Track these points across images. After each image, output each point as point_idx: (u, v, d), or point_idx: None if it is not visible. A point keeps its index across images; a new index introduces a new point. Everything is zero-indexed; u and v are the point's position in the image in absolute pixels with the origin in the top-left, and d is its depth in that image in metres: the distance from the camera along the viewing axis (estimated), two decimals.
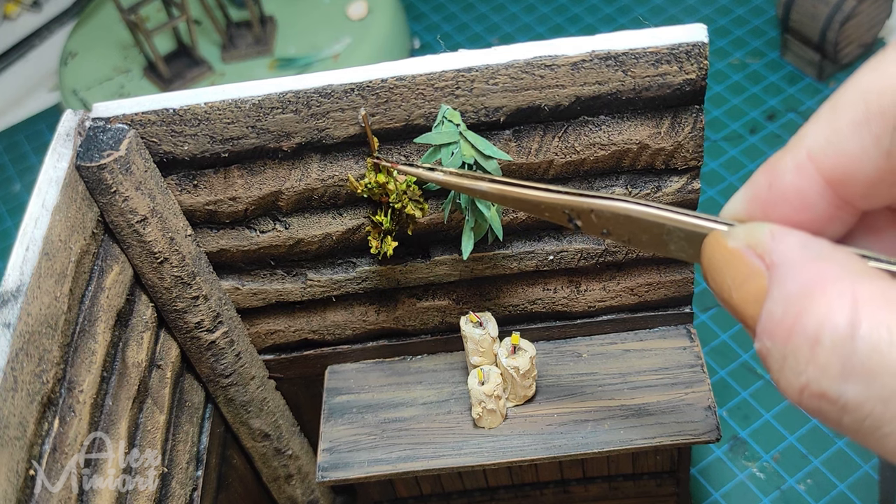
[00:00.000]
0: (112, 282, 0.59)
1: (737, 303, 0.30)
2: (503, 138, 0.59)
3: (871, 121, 0.25)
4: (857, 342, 0.25)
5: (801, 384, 0.26)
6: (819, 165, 0.27)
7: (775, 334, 0.28)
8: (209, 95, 0.57)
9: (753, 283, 0.29)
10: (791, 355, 0.27)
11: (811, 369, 0.26)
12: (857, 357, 0.25)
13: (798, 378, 0.27)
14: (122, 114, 0.57)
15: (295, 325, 0.74)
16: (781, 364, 0.27)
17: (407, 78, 0.56)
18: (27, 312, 0.49)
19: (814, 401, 0.26)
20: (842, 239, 0.30)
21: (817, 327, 0.26)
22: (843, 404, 0.25)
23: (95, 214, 0.57)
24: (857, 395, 0.25)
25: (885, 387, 0.24)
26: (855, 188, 0.27)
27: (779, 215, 0.29)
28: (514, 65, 0.55)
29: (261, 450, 0.78)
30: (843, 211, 0.29)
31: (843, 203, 0.28)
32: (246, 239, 0.66)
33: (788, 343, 0.27)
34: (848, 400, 0.25)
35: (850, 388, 0.25)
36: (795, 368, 0.27)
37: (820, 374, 0.26)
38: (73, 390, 0.53)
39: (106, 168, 0.55)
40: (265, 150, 0.60)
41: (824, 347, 0.26)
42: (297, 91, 0.57)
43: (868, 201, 0.28)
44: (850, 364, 0.25)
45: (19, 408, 0.47)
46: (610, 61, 0.55)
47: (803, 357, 0.26)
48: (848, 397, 0.25)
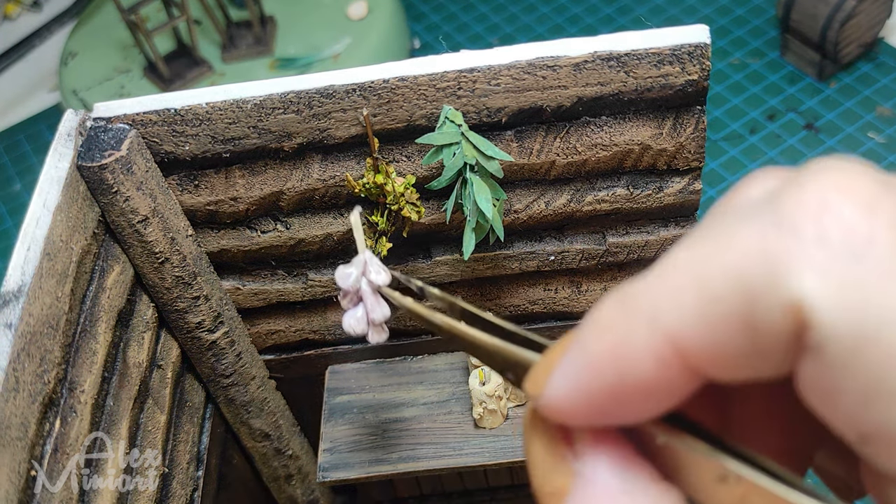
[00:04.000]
0: (113, 282, 0.59)
1: (538, 483, 0.26)
2: (505, 139, 0.59)
3: (759, 336, 0.21)
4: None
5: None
6: (685, 355, 0.22)
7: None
8: (210, 95, 0.57)
9: (559, 477, 0.25)
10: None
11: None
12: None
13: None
14: (123, 114, 0.57)
15: (296, 326, 0.74)
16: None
17: (409, 78, 0.56)
18: (28, 313, 0.48)
19: None
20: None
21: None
22: None
23: (96, 214, 0.57)
24: None
25: None
26: (726, 375, 0.23)
27: (629, 406, 0.24)
28: (516, 65, 0.55)
29: (261, 450, 0.78)
30: (700, 383, 0.24)
31: (698, 379, 0.23)
32: (247, 239, 0.66)
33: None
34: None
35: None
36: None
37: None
38: (74, 390, 0.53)
39: (107, 168, 0.55)
40: (266, 151, 0.60)
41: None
42: (298, 91, 0.57)
43: (737, 380, 0.24)
44: None
45: (21, 408, 0.47)
46: (612, 62, 0.55)
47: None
48: None
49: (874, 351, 0.19)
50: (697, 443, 0.24)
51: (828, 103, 1.22)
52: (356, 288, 0.54)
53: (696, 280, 0.22)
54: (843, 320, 0.20)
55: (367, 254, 0.53)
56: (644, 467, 0.25)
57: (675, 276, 0.22)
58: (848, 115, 1.20)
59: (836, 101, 1.22)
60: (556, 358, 0.25)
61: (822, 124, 1.20)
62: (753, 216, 0.22)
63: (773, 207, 0.21)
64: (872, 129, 1.18)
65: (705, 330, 0.21)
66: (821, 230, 0.20)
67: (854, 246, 0.20)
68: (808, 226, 0.20)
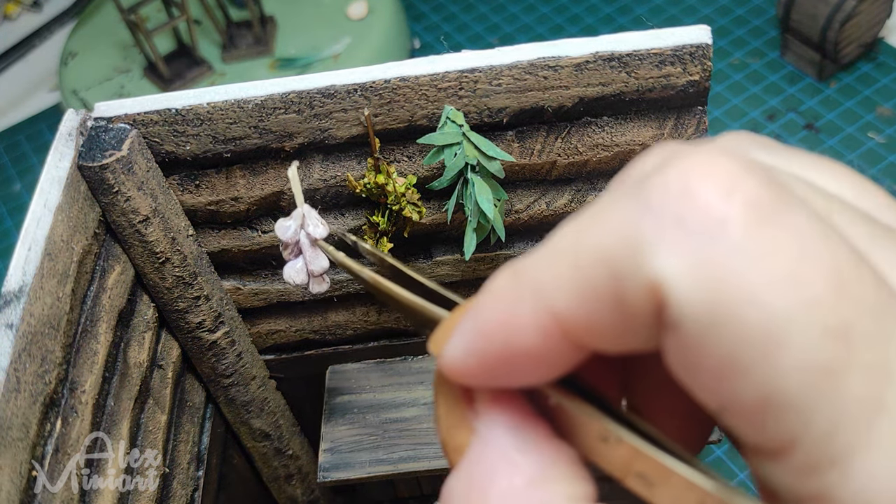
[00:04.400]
0: (114, 282, 0.59)
1: (443, 437, 0.27)
2: (506, 139, 0.59)
3: (626, 311, 0.22)
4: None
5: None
6: (564, 327, 0.23)
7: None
8: (211, 95, 0.57)
9: (461, 433, 0.26)
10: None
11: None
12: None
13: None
14: (124, 113, 0.57)
15: (296, 326, 0.74)
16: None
17: (410, 79, 0.56)
18: (30, 313, 0.48)
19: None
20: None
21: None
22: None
23: (97, 214, 0.57)
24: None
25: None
26: (604, 347, 0.24)
27: (517, 371, 0.25)
28: (517, 66, 0.55)
29: (261, 450, 0.77)
30: (580, 354, 0.25)
31: (582, 349, 0.24)
32: (248, 239, 0.66)
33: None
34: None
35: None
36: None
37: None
38: (75, 391, 0.53)
39: (108, 168, 0.55)
40: (267, 151, 0.60)
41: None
42: (299, 91, 0.56)
43: (615, 352, 0.25)
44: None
45: (22, 409, 0.47)
46: (614, 62, 0.55)
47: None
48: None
49: (725, 330, 0.20)
50: (586, 405, 0.26)
51: (828, 103, 1.22)
52: (295, 240, 0.56)
53: (573, 257, 0.23)
54: (697, 300, 0.20)
55: (306, 207, 0.55)
56: (539, 427, 0.26)
57: (556, 252, 0.23)
58: (848, 116, 1.20)
59: (837, 101, 1.22)
60: (456, 321, 0.26)
61: (822, 124, 1.20)
62: (624, 196, 0.22)
63: (640, 188, 0.22)
64: (873, 129, 1.18)
65: (580, 306, 0.22)
66: (679, 212, 0.21)
67: (709, 227, 0.20)
68: (667, 207, 0.21)
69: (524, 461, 0.25)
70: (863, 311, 0.20)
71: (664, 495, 0.24)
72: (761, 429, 0.21)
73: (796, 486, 0.21)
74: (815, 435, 0.20)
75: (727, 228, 0.20)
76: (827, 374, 0.20)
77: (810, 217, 0.21)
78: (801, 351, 0.20)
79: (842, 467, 0.20)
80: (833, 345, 0.20)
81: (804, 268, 0.20)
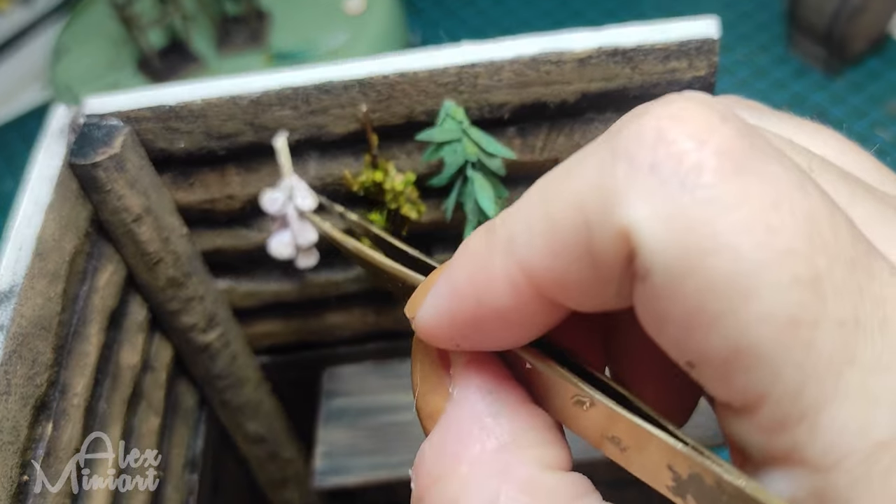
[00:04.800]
0: (106, 282, 0.58)
1: (418, 404, 0.27)
2: (508, 135, 0.58)
3: (597, 262, 0.22)
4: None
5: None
6: (536, 282, 0.23)
7: (417, 482, 0.25)
8: (205, 91, 0.56)
9: (436, 399, 0.26)
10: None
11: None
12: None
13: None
14: (115, 110, 0.56)
15: (292, 327, 0.73)
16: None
17: (409, 74, 0.55)
18: (20, 314, 0.47)
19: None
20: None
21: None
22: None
23: (89, 213, 0.56)
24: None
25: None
26: (575, 304, 0.24)
27: (490, 332, 0.25)
28: (519, 60, 0.54)
29: (256, 453, 0.77)
30: (556, 312, 0.24)
31: (558, 306, 0.24)
32: (242, 238, 0.65)
33: (420, 502, 0.25)
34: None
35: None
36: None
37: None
38: (66, 393, 0.52)
39: (100, 166, 0.54)
40: (262, 147, 0.58)
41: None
42: (295, 88, 0.55)
43: (586, 309, 0.24)
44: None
45: (12, 412, 0.46)
46: (618, 57, 0.54)
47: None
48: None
49: (695, 279, 0.20)
50: (562, 369, 0.25)
51: (835, 99, 1.21)
52: (283, 213, 0.55)
53: (544, 207, 0.22)
54: (667, 248, 0.20)
55: (294, 178, 0.54)
56: (515, 392, 0.26)
57: (529, 205, 0.23)
58: (856, 111, 1.19)
59: (844, 96, 1.21)
60: (432, 282, 0.26)
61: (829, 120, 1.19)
62: (598, 145, 0.22)
63: (613, 136, 0.22)
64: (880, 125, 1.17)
65: (551, 258, 0.22)
66: (652, 159, 0.21)
67: (683, 175, 0.20)
68: (640, 154, 0.21)
69: (497, 426, 0.25)
70: (836, 263, 0.20)
71: (636, 459, 0.24)
72: (730, 383, 0.21)
73: (766, 444, 0.21)
74: (783, 389, 0.20)
75: (699, 176, 0.20)
76: (796, 326, 0.19)
77: (786, 167, 0.21)
78: (770, 301, 0.19)
79: (810, 422, 0.20)
80: (803, 295, 0.19)
81: (776, 216, 0.20)
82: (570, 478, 0.24)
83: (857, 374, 0.20)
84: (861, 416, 0.20)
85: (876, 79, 1.22)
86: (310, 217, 0.55)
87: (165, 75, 1.22)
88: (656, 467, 0.24)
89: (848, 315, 0.20)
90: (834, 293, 0.20)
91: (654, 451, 0.23)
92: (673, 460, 0.23)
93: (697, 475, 0.22)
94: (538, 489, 0.23)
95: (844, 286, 0.20)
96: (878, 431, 0.20)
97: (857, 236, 0.21)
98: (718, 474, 0.22)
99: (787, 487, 0.21)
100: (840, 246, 0.20)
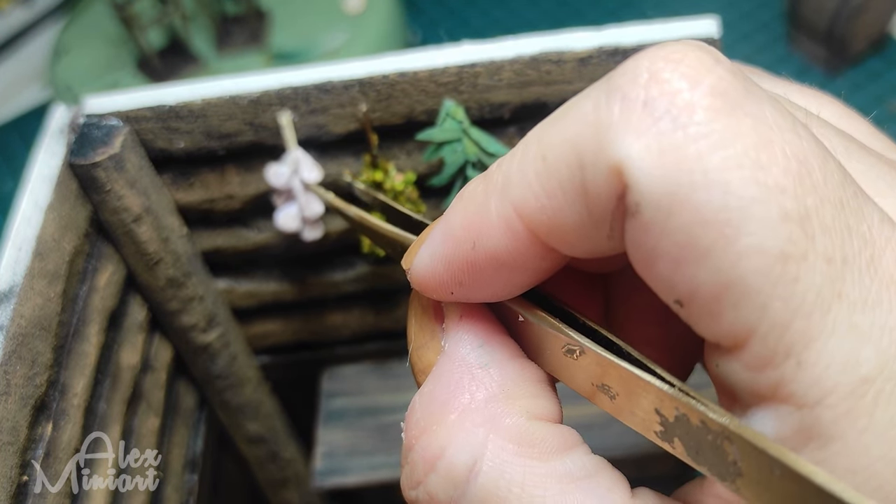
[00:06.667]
0: (105, 282, 0.57)
1: (412, 359, 0.27)
2: (508, 134, 0.58)
3: (590, 200, 0.22)
4: (470, 486, 0.23)
5: (411, 498, 0.25)
6: (530, 224, 0.23)
7: (407, 432, 0.26)
8: (205, 90, 0.56)
9: (429, 353, 0.26)
10: (408, 465, 0.25)
11: (421, 491, 0.24)
12: (466, 501, 0.23)
13: (409, 490, 0.25)
14: (115, 109, 0.56)
15: (291, 327, 0.73)
16: (403, 462, 0.26)
17: (409, 73, 0.55)
18: (20, 314, 0.47)
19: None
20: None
21: (437, 453, 0.24)
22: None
23: (88, 213, 0.56)
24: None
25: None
26: (569, 248, 0.24)
27: (484, 278, 0.25)
28: (519, 60, 0.54)
29: (256, 454, 0.76)
30: (550, 259, 0.25)
31: (551, 251, 0.24)
32: (242, 238, 0.65)
33: (410, 452, 0.25)
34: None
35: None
36: (409, 479, 0.25)
37: (427, 499, 0.24)
38: (66, 394, 0.52)
39: (100, 165, 0.53)
40: (262, 147, 0.58)
41: (437, 477, 0.24)
42: (295, 87, 0.55)
43: (579, 254, 0.24)
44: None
45: (12, 412, 0.46)
46: (618, 57, 0.54)
47: (416, 475, 0.24)
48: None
49: (685, 213, 0.20)
50: (554, 320, 0.26)
51: None
52: (289, 187, 0.55)
53: (539, 148, 0.23)
54: (658, 183, 0.20)
55: (300, 152, 0.55)
56: (507, 346, 0.26)
57: (524, 148, 0.24)
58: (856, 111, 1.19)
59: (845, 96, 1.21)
60: (427, 234, 0.26)
61: None
62: (593, 88, 0.23)
63: (609, 78, 0.22)
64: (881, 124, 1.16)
65: (545, 198, 0.23)
66: (646, 96, 0.21)
67: (676, 112, 0.21)
68: (634, 93, 0.21)
69: (487, 376, 0.25)
70: (824, 202, 0.20)
71: (626, 406, 0.24)
72: (718, 319, 0.21)
73: (752, 382, 0.21)
74: (770, 323, 0.20)
75: (692, 114, 0.21)
76: (785, 260, 0.20)
77: (780, 111, 0.21)
78: (760, 234, 0.20)
79: (797, 358, 0.20)
80: (792, 231, 0.20)
81: (767, 153, 0.20)
82: (559, 429, 0.25)
83: (844, 310, 0.20)
84: (847, 352, 0.20)
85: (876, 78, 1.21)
86: (314, 188, 0.55)
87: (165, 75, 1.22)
88: (645, 413, 0.24)
89: (836, 252, 0.20)
90: (822, 231, 0.20)
91: (643, 396, 0.24)
92: (660, 404, 0.23)
93: (684, 416, 0.22)
94: (526, 439, 0.24)
95: (833, 225, 0.20)
96: (863, 367, 0.20)
97: (848, 180, 0.21)
98: (703, 413, 0.22)
99: (774, 425, 0.21)
100: (830, 188, 0.20)
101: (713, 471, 0.22)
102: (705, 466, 0.22)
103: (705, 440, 0.22)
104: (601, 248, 0.23)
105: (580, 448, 0.24)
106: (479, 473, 0.23)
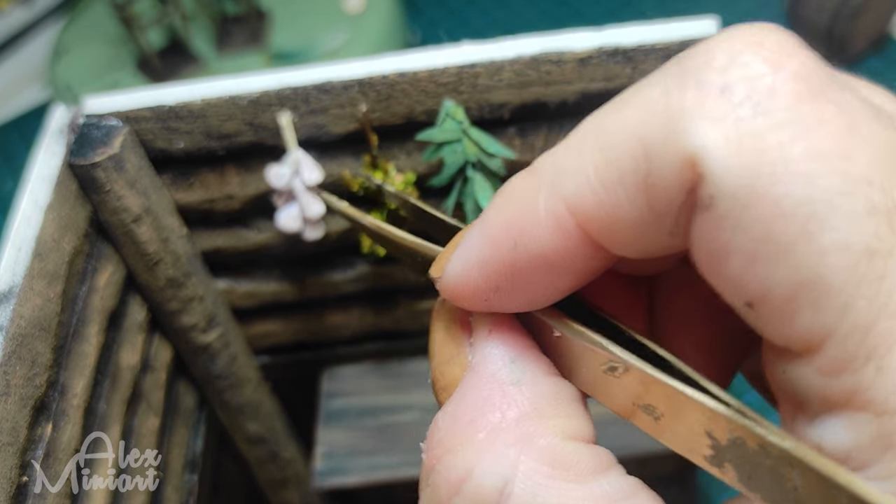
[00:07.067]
0: (105, 282, 0.57)
1: (434, 376, 0.25)
2: (508, 135, 0.58)
3: (655, 193, 0.20)
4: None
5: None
6: (583, 221, 0.22)
7: (428, 452, 0.24)
8: (205, 91, 0.56)
9: (454, 368, 0.25)
10: (430, 488, 0.23)
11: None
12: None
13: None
14: (115, 110, 0.56)
15: (291, 327, 0.73)
16: (422, 485, 0.24)
17: (408, 74, 0.55)
18: (19, 315, 0.47)
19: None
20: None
21: (462, 475, 0.22)
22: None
23: (88, 213, 0.56)
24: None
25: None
26: (622, 247, 0.22)
27: (525, 281, 0.23)
28: (519, 60, 0.54)
29: (256, 454, 0.76)
30: (598, 259, 0.23)
31: (601, 251, 0.23)
32: (242, 238, 0.65)
33: (431, 472, 0.23)
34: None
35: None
36: (430, 503, 0.23)
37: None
38: (66, 394, 0.52)
39: (99, 166, 0.53)
40: (262, 147, 0.58)
41: (463, 500, 0.22)
42: (295, 87, 0.55)
43: (632, 254, 0.23)
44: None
45: (11, 413, 0.45)
46: (618, 57, 0.53)
47: (438, 498, 0.23)
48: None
49: (764, 206, 0.19)
50: (592, 334, 0.24)
51: None
52: (289, 188, 0.55)
53: (597, 141, 0.21)
54: (736, 173, 0.19)
55: (300, 152, 0.54)
56: (540, 361, 0.24)
57: (579, 141, 0.22)
58: None
59: None
60: (459, 239, 0.24)
61: None
62: (661, 73, 0.21)
63: (680, 63, 0.21)
64: None
65: (603, 193, 0.21)
66: (724, 82, 0.20)
67: (757, 98, 0.19)
68: (711, 78, 0.20)
69: (519, 394, 0.23)
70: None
71: (671, 427, 0.23)
72: (792, 321, 0.19)
73: (825, 388, 0.20)
74: (851, 325, 0.19)
75: (773, 100, 0.19)
76: (871, 256, 0.18)
77: (861, 99, 0.20)
78: (845, 229, 0.18)
79: (878, 361, 0.19)
80: (879, 225, 0.18)
81: (852, 144, 0.19)
82: (593, 450, 0.23)
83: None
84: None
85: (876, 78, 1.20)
86: (326, 198, 0.55)
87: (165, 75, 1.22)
88: (693, 435, 0.22)
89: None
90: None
91: (692, 417, 0.22)
92: (712, 425, 0.21)
93: (739, 439, 0.21)
94: (561, 461, 0.22)
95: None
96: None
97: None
98: (763, 436, 0.20)
99: (848, 434, 0.20)
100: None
101: (767, 497, 0.21)
102: (759, 493, 0.21)
103: (763, 465, 0.20)
104: (658, 246, 0.22)
105: (615, 469, 0.23)
106: (511, 496, 0.21)
